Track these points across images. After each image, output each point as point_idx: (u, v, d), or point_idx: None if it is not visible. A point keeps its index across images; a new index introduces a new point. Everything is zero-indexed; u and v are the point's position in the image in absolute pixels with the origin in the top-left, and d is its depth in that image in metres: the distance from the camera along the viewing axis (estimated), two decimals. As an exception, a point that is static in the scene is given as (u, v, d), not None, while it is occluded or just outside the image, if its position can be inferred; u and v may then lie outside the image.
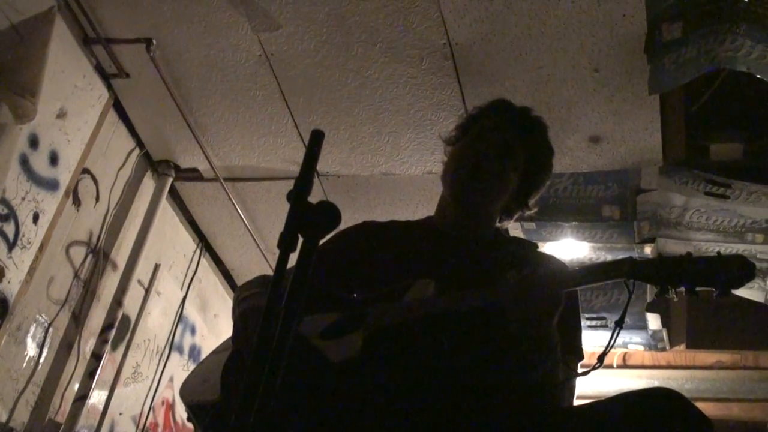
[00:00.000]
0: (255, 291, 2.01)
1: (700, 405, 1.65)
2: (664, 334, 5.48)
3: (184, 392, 2.05)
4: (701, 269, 1.64)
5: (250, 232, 5.00)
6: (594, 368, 1.80)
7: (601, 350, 1.78)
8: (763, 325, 5.22)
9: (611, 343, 1.77)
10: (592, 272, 1.77)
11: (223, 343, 2.07)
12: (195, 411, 2.00)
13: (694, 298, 1.65)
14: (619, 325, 1.76)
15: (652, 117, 3.82)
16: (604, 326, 4.84)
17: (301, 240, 1.34)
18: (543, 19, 3.50)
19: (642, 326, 5.24)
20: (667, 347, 5.68)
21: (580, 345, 2.02)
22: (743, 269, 1.61)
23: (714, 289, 1.63)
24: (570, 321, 1.94)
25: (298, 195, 1.37)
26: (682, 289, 1.67)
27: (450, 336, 1.84)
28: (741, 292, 4.74)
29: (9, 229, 3.49)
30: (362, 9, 3.58)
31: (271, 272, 1.35)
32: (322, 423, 1.79)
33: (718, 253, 1.66)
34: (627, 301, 1.74)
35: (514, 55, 3.67)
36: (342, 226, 1.78)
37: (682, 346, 5.76)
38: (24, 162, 3.54)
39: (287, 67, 3.92)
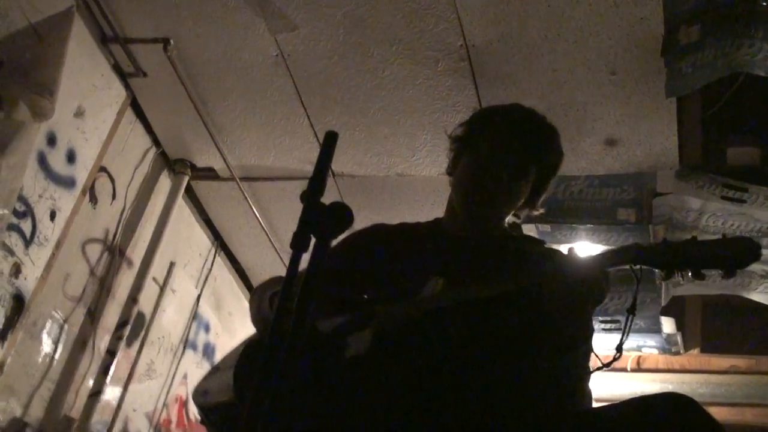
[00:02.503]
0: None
1: (713, 410, 1.64)
2: (679, 338, 5.45)
3: (196, 394, 2.06)
4: (707, 251, 1.66)
5: (266, 232, 5.01)
6: (614, 359, 1.79)
7: (615, 354, 1.79)
8: (778, 330, 5.20)
9: (626, 331, 1.78)
10: (600, 259, 1.78)
11: (236, 348, 2.08)
12: (207, 413, 2.02)
13: (701, 280, 1.66)
14: (632, 312, 1.77)
15: (669, 120, 3.81)
16: (618, 329, 4.82)
17: (313, 240, 1.35)
18: (560, 22, 3.50)
19: (656, 330, 5.21)
20: (682, 351, 5.65)
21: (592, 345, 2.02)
22: (749, 249, 1.63)
23: (720, 271, 1.64)
24: None
25: (310, 195, 1.37)
26: (689, 272, 1.67)
27: (461, 326, 1.84)
28: (756, 297, 4.72)
29: (26, 226, 3.52)
30: (379, 10, 3.59)
31: (285, 271, 1.36)
32: (333, 418, 1.80)
33: (723, 234, 1.67)
34: (636, 287, 1.74)
35: (530, 58, 3.67)
36: (357, 226, 1.79)
37: (697, 350, 5.73)
38: (42, 160, 3.57)
39: (303, 67, 3.93)
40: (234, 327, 5.45)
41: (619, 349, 1.76)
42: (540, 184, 2.14)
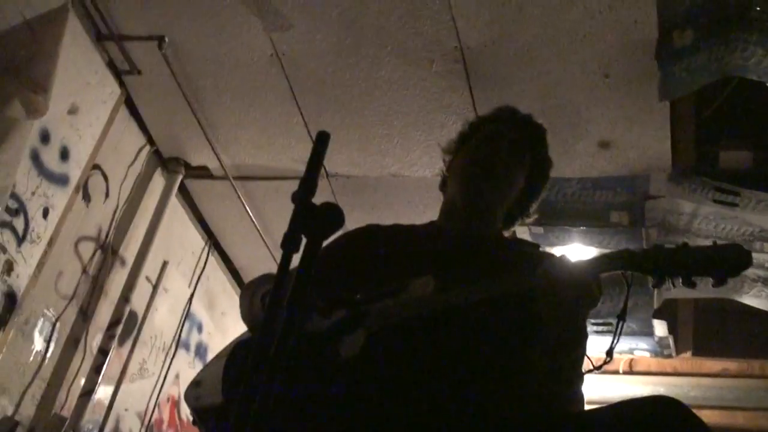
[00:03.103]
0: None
1: (705, 413, 1.65)
2: (671, 341, 5.47)
3: (188, 395, 2.06)
4: (697, 258, 1.65)
5: (259, 231, 5.01)
6: (605, 363, 1.80)
7: (605, 358, 1.79)
8: (769, 333, 5.22)
9: (616, 335, 1.78)
10: (592, 264, 1.78)
11: (227, 347, 2.07)
12: (199, 414, 2.01)
13: (691, 288, 1.66)
14: (622, 318, 1.78)
15: (662, 123, 3.82)
16: (610, 332, 4.82)
17: (304, 241, 1.34)
18: (554, 24, 3.50)
19: (648, 333, 5.22)
20: (674, 354, 5.66)
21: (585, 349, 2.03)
22: (739, 257, 1.62)
23: (710, 278, 1.64)
24: None
25: (301, 196, 1.37)
26: (679, 278, 1.67)
27: (454, 328, 1.84)
28: (748, 300, 4.73)
29: (19, 223, 3.51)
30: (374, 10, 3.59)
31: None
32: (325, 419, 1.79)
33: (714, 241, 1.66)
34: (627, 293, 1.75)
35: (524, 60, 3.67)
36: (351, 226, 1.79)
37: (689, 353, 5.74)
38: (35, 157, 3.56)
39: (298, 66, 3.93)
40: (227, 326, 5.44)
41: (609, 353, 1.77)
42: (533, 182, 2.17)
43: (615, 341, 1.77)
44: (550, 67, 3.68)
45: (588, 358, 1.90)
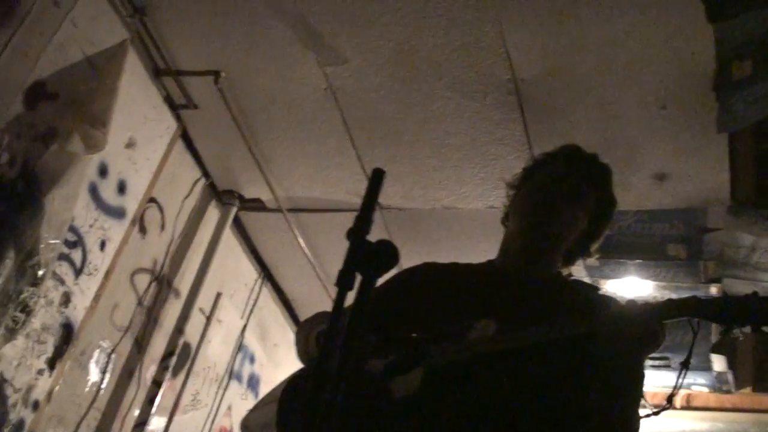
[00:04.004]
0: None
1: (766, 450, 1.61)
2: (730, 377, 5.35)
3: (243, 429, 2.07)
4: (767, 308, 1.62)
5: (312, 263, 5.02)
6: (664, 408, 1.78)
7: (664, 391, 1.77)
8: (834, 370, 5.08)
9: (678, 385, 1.76)
10: (658, 310, 1.75)
11: (282, 383, 2.07)
12: None
13: (762, 338, 1.63)
14: (686, 366, 1.75)
15: (720, 155, 3.76)
16: (667, 366, 4.73)
17: (359, 278, 1.34)
18: (610, 56, 3.47)
19: (707, 368, 5.12)
20: (733, 390, 5.54)
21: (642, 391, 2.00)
22: None
23: None
24: None
25: (357, 233, 1.37)
26: (748, 328, 1.64)
27: (512, 369, 1.82)
28: (811, 337, 4.60)
29: (77, 255, 3.56)
30: (427, 44, 3.59)
31: (331, 303, 1.36)
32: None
33: None
34: (692, 340, 1.72)
35: (579, 92, 3.64)
36: (404, 258, 1.78)
37: (749, 389, 5.61)
38: (93, 190, 3.62)
39: (352, 100, 3.95)
40: (279, 358, 5.45)
41: (669, 400, 1.74)
42: (595, 223, 2.14)
43: (678, 386, 1.74)
44: (606, 99, 3.65)
45: (645, 401, 1.87)
